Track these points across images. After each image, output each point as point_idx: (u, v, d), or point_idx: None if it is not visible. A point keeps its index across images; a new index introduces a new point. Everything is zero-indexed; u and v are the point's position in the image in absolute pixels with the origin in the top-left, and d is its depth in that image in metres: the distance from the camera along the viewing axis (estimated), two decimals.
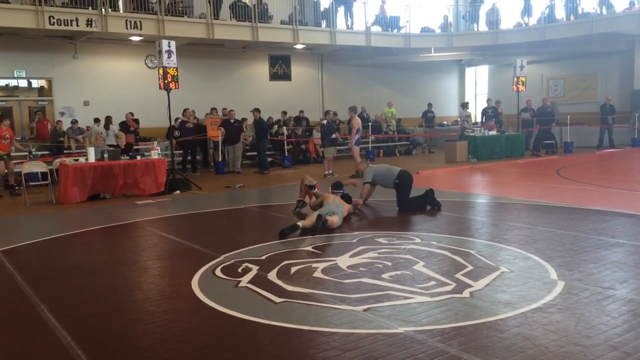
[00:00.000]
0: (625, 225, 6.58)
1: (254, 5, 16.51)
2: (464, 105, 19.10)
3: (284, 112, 17.87)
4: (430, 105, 19.83)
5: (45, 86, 15.74)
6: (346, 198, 7.67)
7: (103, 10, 13.85)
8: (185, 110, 14.79)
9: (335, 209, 7.05)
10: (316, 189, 8.06)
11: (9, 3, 12.99)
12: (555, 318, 3.71)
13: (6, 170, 11.39)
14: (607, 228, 6.36)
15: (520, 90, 16.31)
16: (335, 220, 6.82)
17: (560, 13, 18.99)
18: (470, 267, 4.93)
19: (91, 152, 10.23)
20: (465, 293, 4.26)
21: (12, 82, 15.41)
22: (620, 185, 9.86)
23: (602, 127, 18.18)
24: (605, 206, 7.72)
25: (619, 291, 4.20)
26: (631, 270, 4.77)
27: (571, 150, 17.27)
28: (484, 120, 18.06)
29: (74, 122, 14.47)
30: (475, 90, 24.43)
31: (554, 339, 3.37)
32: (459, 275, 4.70)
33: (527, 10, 19.40)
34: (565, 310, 3.86)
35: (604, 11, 17.73)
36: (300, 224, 6.59)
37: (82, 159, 10.40)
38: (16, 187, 11.39)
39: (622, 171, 12.44)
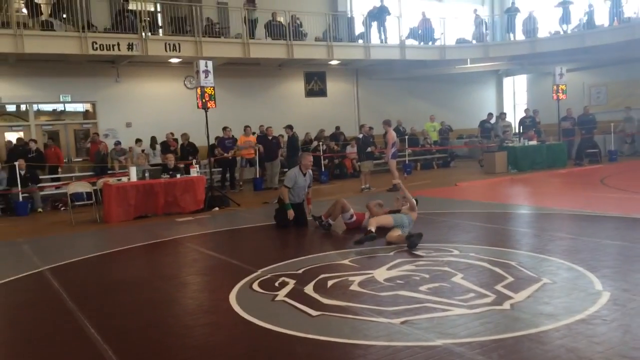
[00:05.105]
0: None
1: (289, 23, 16.75)
2: (502, 116, 18.79)
3: (322, 130, 17.87)
4: (490, 115, 19.25)
5: (90, 109, 16.29)
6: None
7: (143, 34, 14.30)
8: (224, 129, 15.02)
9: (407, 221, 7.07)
10: (354, 217, 7.88)
11: (54, 30, 13.55)
12: (600, 330, 3.58)
13: None
14: None
15: (560, 98, 15.95)
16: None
17: (600, 19, 18.57)
18: (510, 279, 4.82)
19: (133, 171, 10.50)
20: (506, 305, 4.16)
21: (59, 107, 16.02)
22: None
23: None
24: None
25: None
26: None
27: (615, 158, 16.77)
28: (521, 131, 17.69)
29: (117, 143, 14.91)
30: (514, 100, 24.03)
31: (599, 351, 3.25)
32: (498, 287, 4.59)
33: (565, 18, 19.03)
34: (611, 321, 3.72)
35: None
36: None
37: (124, 179, 10.69)
38: (62, 207, 11.77)
39: None
